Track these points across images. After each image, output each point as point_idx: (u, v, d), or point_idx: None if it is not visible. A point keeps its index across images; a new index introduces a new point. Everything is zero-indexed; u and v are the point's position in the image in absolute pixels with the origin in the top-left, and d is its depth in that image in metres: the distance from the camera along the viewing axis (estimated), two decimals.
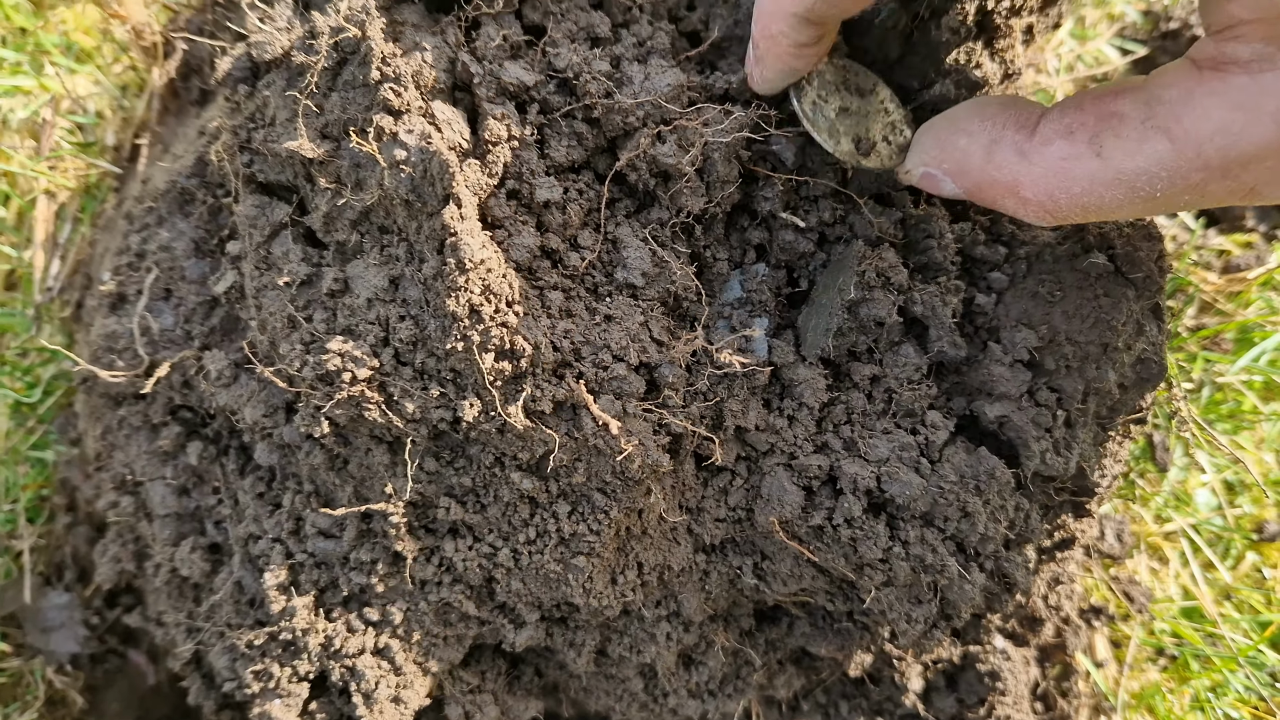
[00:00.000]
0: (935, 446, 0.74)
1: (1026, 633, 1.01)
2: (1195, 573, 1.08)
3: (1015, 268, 0.76)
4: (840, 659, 0.93)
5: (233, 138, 0.74)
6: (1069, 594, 0.99)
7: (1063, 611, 1.00)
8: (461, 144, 0.66)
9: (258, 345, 0.73)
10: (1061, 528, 0.87)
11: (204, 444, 0.82)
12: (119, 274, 0.83)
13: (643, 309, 0.69)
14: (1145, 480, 1.10)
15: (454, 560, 0.74)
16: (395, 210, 0.66)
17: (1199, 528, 1.10)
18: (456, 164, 0.62)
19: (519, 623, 0.79)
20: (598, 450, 0.68)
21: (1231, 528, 1.09)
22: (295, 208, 0.73)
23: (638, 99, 0.67)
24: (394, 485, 0.72)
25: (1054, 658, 1.03)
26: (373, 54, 0.65)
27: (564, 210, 0.68)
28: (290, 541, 0.77)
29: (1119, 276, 0.73)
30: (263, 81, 0.73)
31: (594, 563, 0.73)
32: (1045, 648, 1.03)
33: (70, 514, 1.09)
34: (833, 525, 0.74)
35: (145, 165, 0.88)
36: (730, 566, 0.80)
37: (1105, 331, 0.73)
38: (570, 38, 0.72)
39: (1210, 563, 1.09)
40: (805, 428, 0.74)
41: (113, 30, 0.95)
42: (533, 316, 0.66)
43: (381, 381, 0.67)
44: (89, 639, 1.08)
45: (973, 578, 0.76)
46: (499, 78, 0.68)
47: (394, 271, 0.67)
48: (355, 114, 0.67)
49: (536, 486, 0.71)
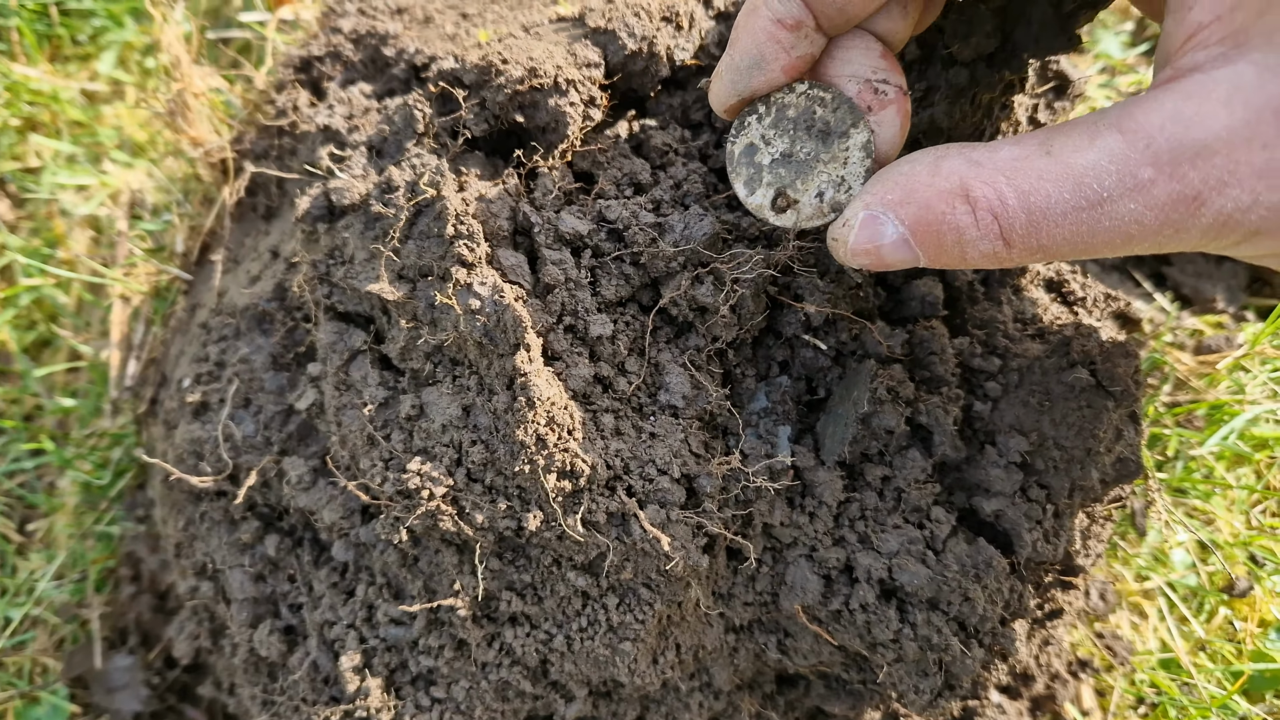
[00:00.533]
0: (939, 539, 0.83)
1: (1020, 687, 1.10)
2: (1172, 627, 1.18)
3: (1008, 378, 0.86)
4: (853, 717, 1.02)
5: (313, 270, 0.83)
6: (1058, 652, 1.09)
7: (1052, 667, 1.10)
8: (525, 285, 0.75)
9: (339, 458, 0.83)
10: (1051, 600, 0.97)
11: (280, 537, 0.91)
12: (200, 382, 0.92)
13: (683, 427, 0.79)
14: (1126, 542, 1.21)
15: (513, 645, 0.83)
16: (468, 348, 0.75)
17: (1175, 585, 1.20)
18: (527, 317, 0.71)
19: (569, 698, 0.88)
20: (644, 553, 0.77)
21: (1205, 585, 1.19)
22: (371, 336, 0.83)
23: (678, 247, 0.76)
24: (461, 582, 0.81)
25: (1045, 708, 1.13)
26: (448, 212, 0.74)
27: (614, 341, 0.77)
28: (364, 628, 0.86)
29: (1100, 389, 0.83)
30: (341, 223, 0.82)
31: (639, 647, 0.82)
32: (1037, 699, 1.13)
33: (135, 584, 1.17)
34: (849, 610, 0.83)
35: (220, 278, 0.97)
36: (757, 643, 0.89)
37: (1088, 438, 0.83)
38: (616, 184, 0.81)
39: (1185, 617, 1.19)
40: (824, 523, 0.83)
41: (182, 135, 1.03)
42: (589, 439, 0.75)
43: (455, 496, 0.76)
44: (150, 698, 1.17)
45: (973, 653, 0.86)
46: (556, 227, 0.77)
47: (466, 401, 0.76)
48: (430, 261, 0.76)
49: (589, 583, 0.80)
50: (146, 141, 1.26)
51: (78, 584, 1.16)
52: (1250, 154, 0.48)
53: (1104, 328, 1.00)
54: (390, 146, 0.83)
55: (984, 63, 0.81)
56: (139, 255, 1.11)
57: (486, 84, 0.79)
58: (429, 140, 0.81)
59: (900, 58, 0.79)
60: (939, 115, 0.83)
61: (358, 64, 0.97)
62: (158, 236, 1.15)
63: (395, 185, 0.77)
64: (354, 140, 0.86)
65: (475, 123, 0.80)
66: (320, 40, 1.00)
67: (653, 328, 0.80)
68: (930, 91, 0.83)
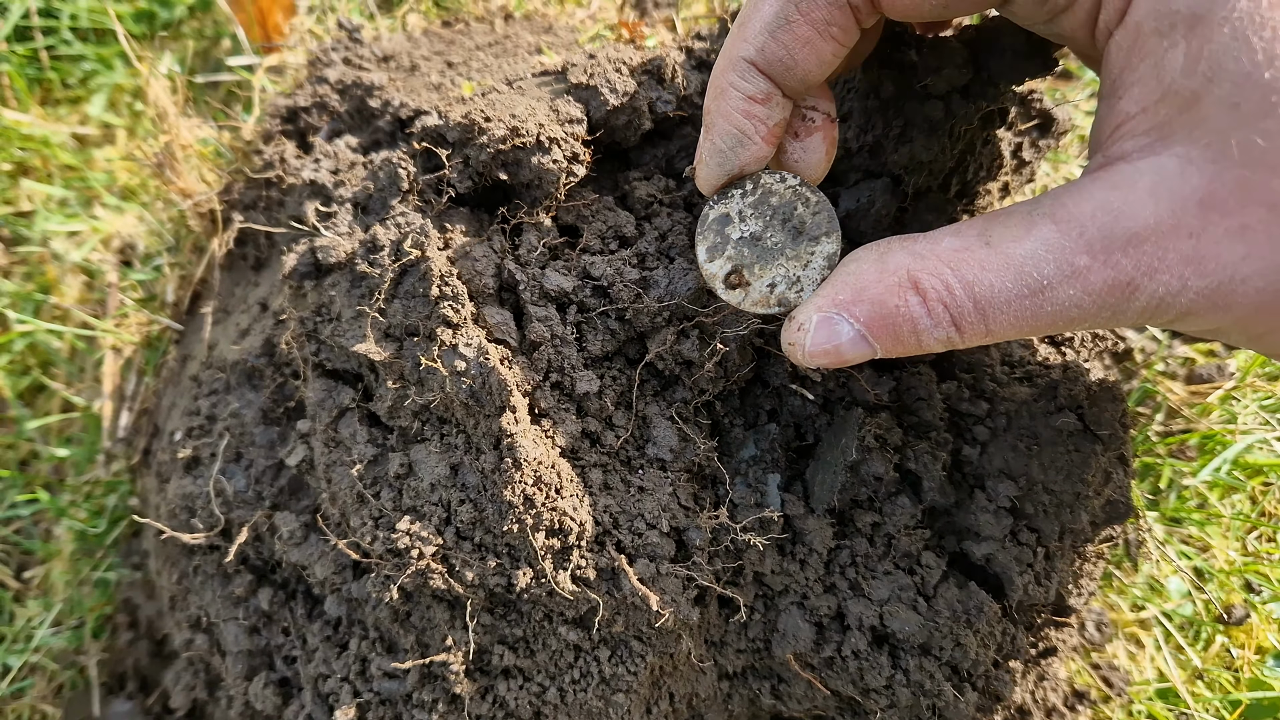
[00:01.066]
0: (930, 584, 0.83)
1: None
2: (1168, 656, 1.18)
3: (996, 422, 0.86)
4: None
5: (300, 327, 0.83)
6: (1053, 686, 1.09)
7: (1048, 702, 1.10)
8: (511, 342, 0.76)
9: (329, 515, 0.83)
10: (1045, 639, 0.97)
11: (274, 590, 0.91)
12: (191, 436, 0.92)
13: (671, 479, 0.79)
14: (1121, 571, 1.21)
15: (506, 698, 0.83)
16: (454, 408, 0.76)
17: (1171, 615, 1.20)
18: (511, 380, 0.72)
19: None
20: (635, 607, 0.77)
21: (1201, 613, 1.19)
22: (360, 393, 0.83)
23: (663, 302, 0.76)
24: (453, 637, 0.81)
25: None
26: (432, 273, 0.74)
27: (601, 397, 0.78)
28: (358, 681, 0.87)
29: (1088, 433, 0.83)
30: (328, 280, 0.82)
31: (631, 698, 0.82)
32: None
33: (132, 630, 1.17)
34: (841, 656, 0.83)
35: (210, 330, 0.98)
36: (750, 689, 0.89)
37: (1077, 482, 0.83)
38: (601, 237, 0.81)
39: (1182, 646, 1.19)
40: (815, 571, 0.83)
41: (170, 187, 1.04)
42: (577, 496, 0.75)
43: (445, 555, 0.76)
44: None
45: (966, 698, 0.86)
46: (541, 284, 0.77)
47: (454, 460, 0.77)
48: (416, 321, 0.76)
49: (581, 637, 0.80)
50: (138, 185, 1.26)
51: (75, 630, 1.16)
52: (1177, 242, 0.51)
53: (1094, 368, 1.00)
54: (375, 204, 0.83)
55: (959, 95, 0.81)
56: (130, 305, 1.12)
57: (470, 142, 0.79)
58: (413, 198, 0.81)
59: (832, 85, 0.83)
60: (918, 150, 0.83)
61: (344, 115, 0.97)
62: (148, 286, 1.15)
63: (380, 245, 0.78)
64: (340, 196, 0.87)
65: (459, 180, 0.81)
66: (306, 90, 1.01)
67: (639, 382, 0.80)
68: (908, 127, 0.83)
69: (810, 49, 0.61)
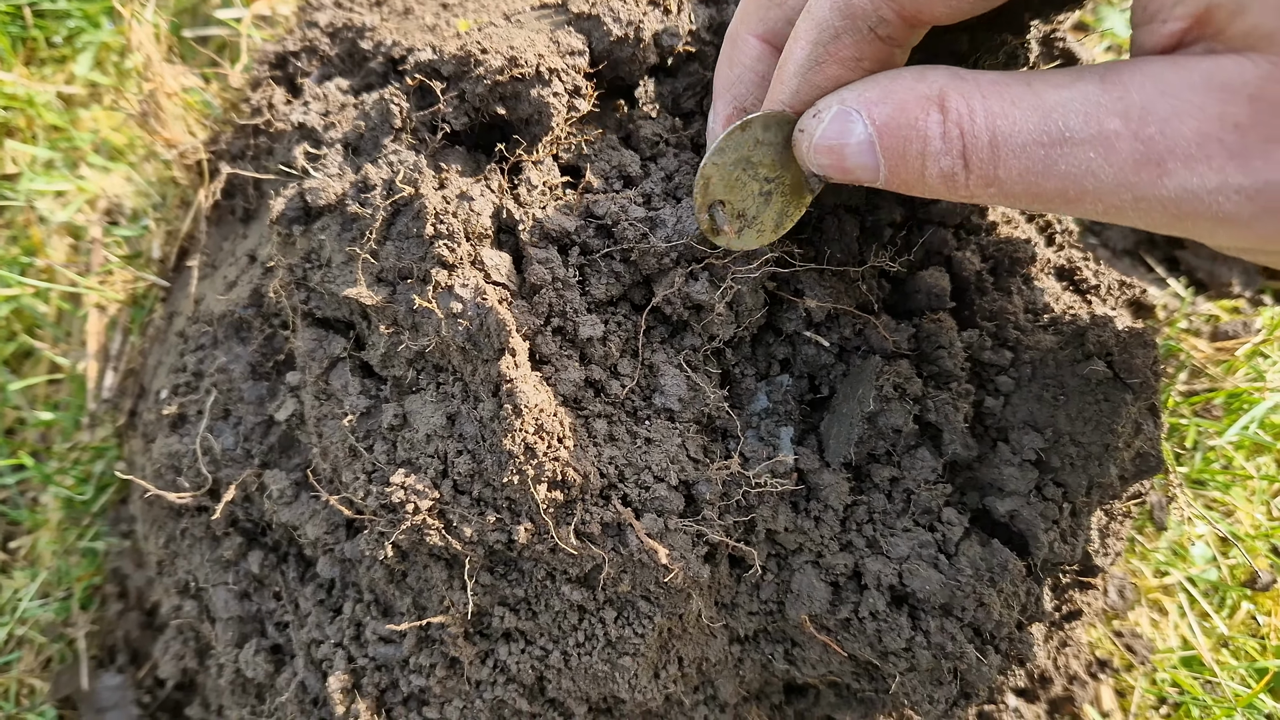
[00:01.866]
0: (952, 542, 0.79)
1: (1037, 690, 1.07)
2: (1193, 623, 1.14)
3: (1020, 372, 0.82)
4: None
5: (289, 275, 0.79)
6: (1075, 653, 1.05)
7: (1070, 669, 1.06)
8: (510, 286, 0.72)
9: (320, 471, 0.79)
10: (1069, 601, 0.93)
11: (264, 553, 0.87)
12: (178, 393, 0.88)
13: (679, 430, 0.75)
14: (1144, 536, 1.17)
15: (508, 662, 0.79)
16: (451, 353, 0.72)
17: (1195, 580, 1.16)
18: (511, 319, 0.67)
19: (568, 715, 0.85)
20: (642, 564, 0.73)
21: (1226, 579, 1.15)
22: (351, 342, 0.79)
23: (671, 242, 0.72)
24: (451, 598, 0.77)
25: (1063, 710, 1.09)
26: (427, 211, 0.70)
27: (605, 343, 0.74)
28: (352, 647, 0.83)
29: (1117, 382, 0.79)
30: (317, 224, 0.78)
31: (639, 661, 0.78)
32: (1055, 701, 1.09)
33: (121, 601, 1.14)
34: (858, 618, 0.79)
35: (196, 285, 0.94)
36: (763, 654, 0.85)
37: (1106, 433, 0.79)
38: (604, 177, 0.77)
39: (1207, 613, 1.15)
40: (831, 528, 0.79)
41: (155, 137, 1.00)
42: (581, 447, 0.71)
43: (441, 509, 0.72)
44: (141, 718, 1.13)
45: (989, 660, 0.82)
46: (542, 224, 0.73)
47: (450, 409, 0.73)
48: (410, 263, 0.72)
49: (586, 596, 0.76)
50: (125, 145, 1.22)
51: (63, 602, 1.13)
52: (1223, 132, 0.47)
53: (1119, 316, 0.96)
54: (367, 144, 0.79)
55: (983, 26, 0.77)
56: (115, 262, 1.08)
57: (465, 75, 0.75)
58: (407, 136, 0.77)
59: None
60: None
61: (334, 58, 0.93)
62: (134, 242, 1.11)
63: (372, 184, 0.74)
64: (330, 138, 0.82)
65: (455, 116, 0.76)
66: (296, 35, 0.97)
67: (646, 327, 0.76)
68: (930, 60, 0.78)
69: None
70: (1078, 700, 1.08)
